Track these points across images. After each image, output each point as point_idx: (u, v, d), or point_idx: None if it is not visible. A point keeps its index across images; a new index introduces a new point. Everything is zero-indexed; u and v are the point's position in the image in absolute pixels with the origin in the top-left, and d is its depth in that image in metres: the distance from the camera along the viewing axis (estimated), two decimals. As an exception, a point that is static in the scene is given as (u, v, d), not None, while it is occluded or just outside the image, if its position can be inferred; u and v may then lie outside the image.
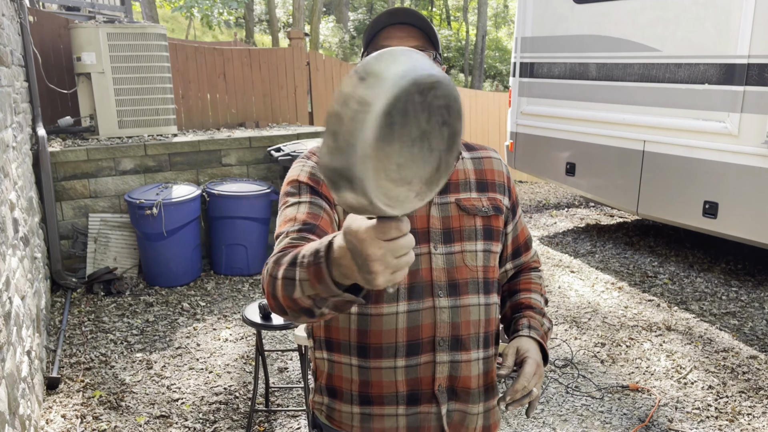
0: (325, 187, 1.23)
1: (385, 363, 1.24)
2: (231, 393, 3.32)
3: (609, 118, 5.28)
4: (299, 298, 0.95)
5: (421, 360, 1.25)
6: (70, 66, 5.35)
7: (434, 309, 1.25)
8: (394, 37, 1.23)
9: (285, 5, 29.21)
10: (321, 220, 1.17)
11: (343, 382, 1.29)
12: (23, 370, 2.61)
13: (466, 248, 1.29)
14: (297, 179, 1.26)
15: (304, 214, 1.17)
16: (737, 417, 3.05)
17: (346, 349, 1.27)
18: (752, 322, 4.11)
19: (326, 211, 1.20)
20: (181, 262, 4.83)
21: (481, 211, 1.32)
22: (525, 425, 3.02)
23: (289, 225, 1.16)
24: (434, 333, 1.25)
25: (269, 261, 1.07)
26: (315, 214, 1.18)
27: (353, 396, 1.28)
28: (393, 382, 1.25)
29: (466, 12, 28.40)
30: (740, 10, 4.24)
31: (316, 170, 1.26)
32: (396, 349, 1.24)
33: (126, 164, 5.01)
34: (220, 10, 14.78)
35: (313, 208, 1.19)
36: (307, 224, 1.15)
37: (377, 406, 1.26)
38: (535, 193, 8.50)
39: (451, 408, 1.28)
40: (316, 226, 1.15)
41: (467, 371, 1.28)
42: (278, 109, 6.82)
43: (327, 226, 1.18)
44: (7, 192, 2.86)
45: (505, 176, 1.41)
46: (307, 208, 1.19)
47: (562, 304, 4.49)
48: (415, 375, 1.25)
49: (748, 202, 4.33)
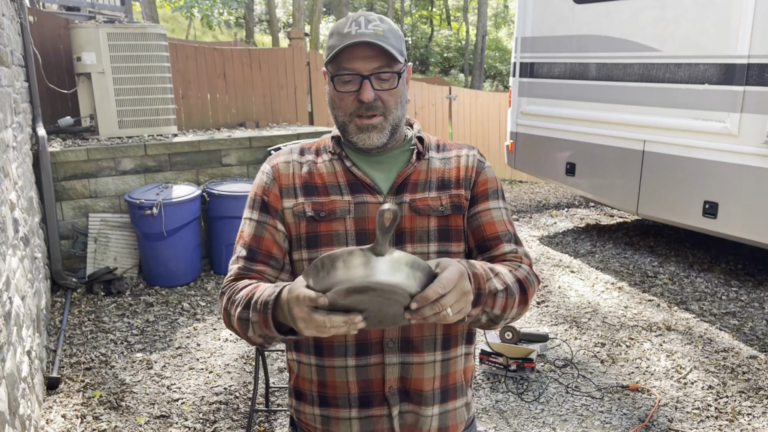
0: (273, 195, 1.31)
1: (338, 362, 1.27)
2: (231, 393, 3.32)
3: (609, 118, 5.28)
4: (252, 337, 1.19)
5: (371, 361, 1.26)
6: (70, 66, 5.35)
7: None
8: (357, 58, 1.22)
9: (285, 5, 29.22)
10: (262, 242, 1.29)
11: (305, 384, 1.33)
12: (23, 370, 2.61)
13: (417, 250, 1.27)
14: (254, 191, 1.35)
15: (249, 237, 1.31)
16: (737, 417, 3.05)
17: (306, 348, 1.31)
18: (752, 322, 4.11)
19: (269, 229, 1.30)
20: (181, 262, 4.83)
21: (437, 211, 1.29)
22: (525, 425, 3.02)
23: (239, 246, 1.32)
24: (382, 333, 1.25)
25: (225, 292, 1.27)
26: (258, 236, 1.30)
27: (314, 397, 1.31)
28: (345, 382, 1.27)
29: (466, 12, 28.40)
30: (740, 10, 4.24)
31: (269, 177, 1.33)
32: (346, 348, 1.26)
33: (126, 164, 5.01)
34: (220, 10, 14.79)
35: (258, 229, 1.30)
36: (251, 250, 1.29)
37: (333, 408, 1.29)
38: (535, 193, 8.50)
39: (404, 409, 1.28)
40: (257, 252, 1.29)
41: (419, 373, 1.27)
42: (278, 109, 6.83)
43: (269, 245, 1.29)
44: (7, 192, 2.86)
45: (474, 170, 1.35)
46: (253, 228, 1.31)
47: (562, 304, 4.49)
48: (366, 376, 1.26)
49: (748, 202, 4.33)
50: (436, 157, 1.36)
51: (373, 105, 1.24)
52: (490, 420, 3.06)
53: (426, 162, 1.35)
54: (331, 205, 1.28)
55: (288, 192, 1.31)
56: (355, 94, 1.24)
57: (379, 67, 1.23)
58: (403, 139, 1.36)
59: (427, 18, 30.51)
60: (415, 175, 1.32)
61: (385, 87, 1.25)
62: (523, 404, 3.20)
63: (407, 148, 1.36)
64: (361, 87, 1.23)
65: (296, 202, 1.29)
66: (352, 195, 1.29)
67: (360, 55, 1.22)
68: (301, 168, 1.33)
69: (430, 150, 1.37)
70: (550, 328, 4.10)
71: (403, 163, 1.33)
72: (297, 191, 1.30)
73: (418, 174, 1.33)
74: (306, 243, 1.28)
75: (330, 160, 1.33)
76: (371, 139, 1.27)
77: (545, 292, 4.70)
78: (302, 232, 1.28)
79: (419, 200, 1.29)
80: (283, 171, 1.33)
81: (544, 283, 4.91)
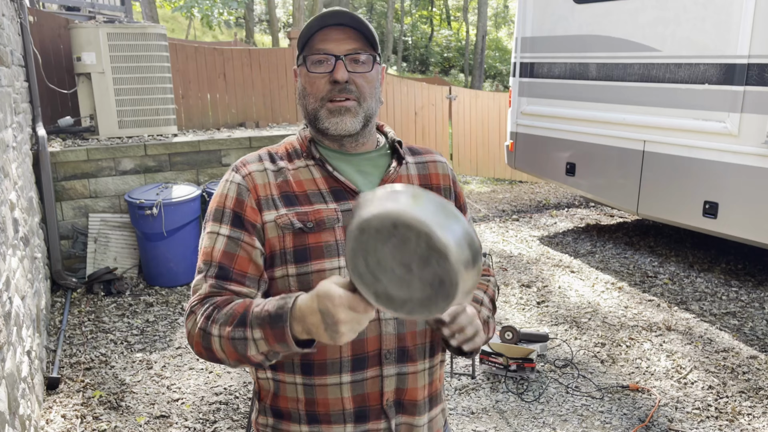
0: (249, 208, 1.19)
1: (330, 379, 1.20)
2: (231, 393, 3.32)
3: (609, 118, 5.28)
4: (252, 355, 1.06)
5: (368, 375, 1.21)
6: (70, 66, 5.35)
7: (379, 321, 1.20)
8: (331, 40, 1.19)
9: (285, 5, 29.23)
10: (236, 260, 1.18)
11: (289, 402, 1.25)
12: (23, 370, 2.61)
13: None
14: (221, 202, 1.22)
15: (219, 253, 1.18)
16: (737, 417, 3.05)
17: (290, 368, 1.22)
18: (752, 322, 4.11)
19: (244, 246, 1.18)
20: (181, 262, 4.83)
21: None
22: (525, 425, 3.02)
23: (205, 265, 1.19)
24: (380, 346, 1.20)
25: (195, 311, 1.14)
26: (230, 253, 1.18)
27: (301, 415, 1.24)
28: (339, 399, 1.21)
29: (466, 12, 28.40)
30: (740, 10, 4.24)
31: (243, 187, 1.21)
32: (341, 365, 1.19)
33: (126, 164, 5.01)
34: (220, 10, 14.79)
35: (230, 246, 1.18)
36: (222, 269, 1.17)
37: (325, 425, 1.22)
38: (535, 193, 8.50)
39: (399, 421, 1.25)
40: (230, 271, 1.17)
41: (414, 383, 1.25)
42: (278, 109, 6.83)
43: (244, 264, 1.18)
44: (7, 192, 2.86)
45: (451, 179, 1.36)
46: (223, 244, 1.18)
47: (562, 304, 4.49)
48: (362, 391, 1.21)
49: (748, 202, 4.34)
50: (412, 162, 1.34)
51: (347, 87, 1.20)
52: (490, 420, 3.06)
53: (405, 167, 1.31)
54: (317, 215, 1.19)
55: (267, 204, 1.20)
56: (328, 75, 1.19)
57: (353, 49, 1.19)
58: (375, 143, 1.32)
59: (427, 18, 30.52)
60: (398, 181, 1.28)
61: (359, 70, 1.21)
62: (523, 404, 3.20)
63: (384, 152, 1.32)
64: (335, 67, 1.19)
65: (278, 214, 1.19)
66: (337, 202, 1.22)
67: (334, 37, 1.19)
68: (276, 176, 1.23)
69: (407, 153, 1.34)
70: (550, 328, 4.10)
71: (384, 167, 1.29)
72: (276, 202, 1.20)
73: (400, 180, 1.29)
74: (294, 257, 1.18)
75: (306, 166, 1.25)
76: (344, 122, 1.20)
77: (545, 292, 4.70)
78: (288, 246, 1.18)
79: None
80: (258, 181, 1.21)
81: (544, 283, 4.91)
